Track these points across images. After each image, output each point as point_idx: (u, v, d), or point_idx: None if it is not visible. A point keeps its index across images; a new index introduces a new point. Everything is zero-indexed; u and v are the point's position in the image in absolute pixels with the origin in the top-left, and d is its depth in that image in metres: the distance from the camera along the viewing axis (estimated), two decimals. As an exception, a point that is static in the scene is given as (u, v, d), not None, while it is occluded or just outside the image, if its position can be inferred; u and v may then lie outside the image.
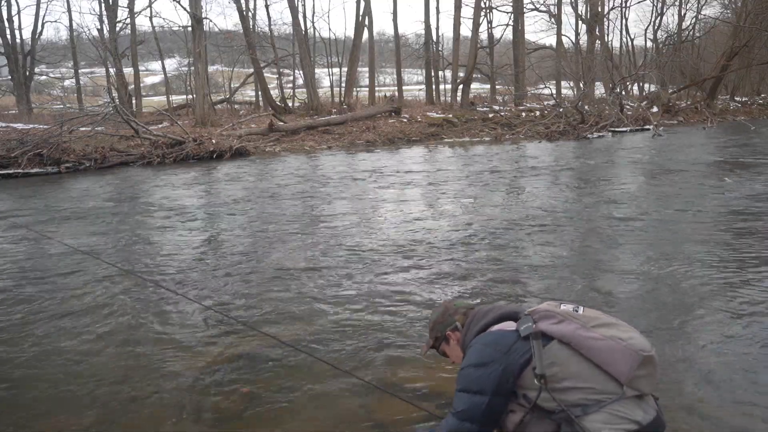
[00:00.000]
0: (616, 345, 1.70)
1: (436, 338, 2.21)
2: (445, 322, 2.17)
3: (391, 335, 3.90)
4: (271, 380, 3.35)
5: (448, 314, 2.18)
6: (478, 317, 2.06)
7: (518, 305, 2.10)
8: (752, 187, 9.14)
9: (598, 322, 1.77)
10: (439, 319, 2.20)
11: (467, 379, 1.86)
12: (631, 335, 1.74)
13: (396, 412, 2.98)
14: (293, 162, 14.55)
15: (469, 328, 2.06)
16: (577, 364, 1.72)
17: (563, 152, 15.48)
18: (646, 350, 1.72)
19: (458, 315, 2.15)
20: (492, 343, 1.86)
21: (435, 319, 2.23)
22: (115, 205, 9.19)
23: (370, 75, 30.72)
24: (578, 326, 1.74)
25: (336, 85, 30.88)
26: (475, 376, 1.82)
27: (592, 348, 1.71)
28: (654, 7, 35.54)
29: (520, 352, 1.79)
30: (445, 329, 2.16)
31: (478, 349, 1.89)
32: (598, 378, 1.71)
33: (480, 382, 1.81)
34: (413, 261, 5.63)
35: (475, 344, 1.93)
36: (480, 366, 1.82)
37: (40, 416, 3.06)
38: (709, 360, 3.45)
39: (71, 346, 3.89)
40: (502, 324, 1.96)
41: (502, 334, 1.88)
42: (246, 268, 5.54)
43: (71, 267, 5.71)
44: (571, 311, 1.83)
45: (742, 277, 4.88)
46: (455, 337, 2.12)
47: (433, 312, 2.30)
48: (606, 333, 1.73)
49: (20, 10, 34.67)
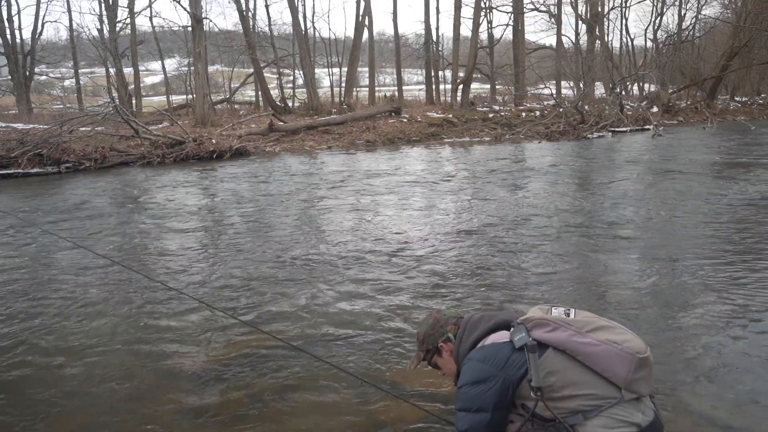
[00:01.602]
0: (611, 349, 1.69)
1: (427, 351, 2.14)
2: (437, 334, 2.10)
3: (392, 335, 3.90)
4: (272, 380, 3.35)
5: (438, 325, 2.12)
6: (471, 327, 2.01)
7: (509, 312, 2.02)
8: (752, 187, 9.13)
9: (592, 326, 1.75)
10: (429, 332, 2.13)
11: (467, 398, 1.84)
12: (625, 338, 1.73)
13: (396, 412, 2.98)
14: (293, 162, 14.55)
15: (461, 340, 2.01)
16: (573, 372, 1.72)
17: (563, 152, 15.48)
18: (641, 352, 1.71)
19: (449, 326, 2.09)
20: (488, 358, 1.83)
21: (425, 331, 2.15)
22: (115, 206, 9.19)
23: (370, 75, 30.72)
24: (572, 332, 1.73)
25: (336, 85, 30.87)
26: (474, 394, 1.81)
27: (588, 354, 1.70)
28: (654, 7, 35.52)
29: (517, 364, 1.77)
30: (437, 341, 2.10)
31: (474, 366, 1.86)
32: (596, 383, 1.70)
33: (480, 399, 1.79)
34: (412, 261, 5.63)
35: (470, 361, 1.90)
36: (478, 383, 1.80)
37: (40, 416, 3.06)
38: (709, 360, 3.46)
39: (71, 345, 3.89)
40: (495, 335, 1.92)
41: (497, 348, 1.85)
42: (246, 268, 5.54)
43: (71, 267, 5.71)
44: (563, 317, 1.81)
45: (742, 277, 4.88)
46: (448, 349, 2.07)
47: (421, 324, 2.21)
48: (601, 337, 1.72)
49: (20, 10, 34.73)
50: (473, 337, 1.96)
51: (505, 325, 1.94)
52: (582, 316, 1.84)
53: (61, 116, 17.06)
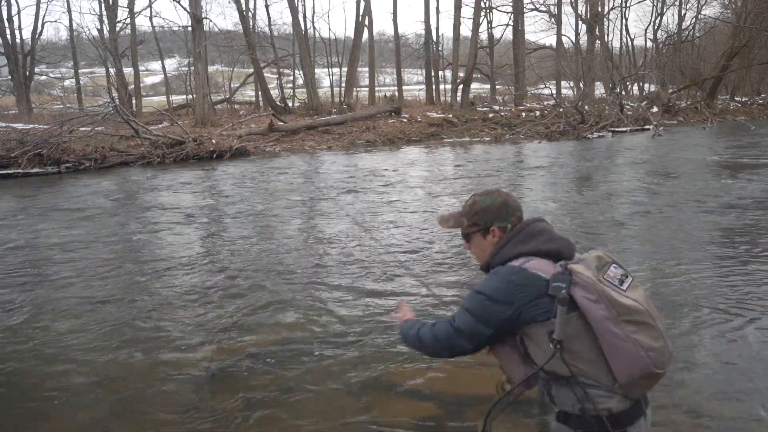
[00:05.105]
0: (634, 350, 1.60)
1: (475, 224, 1.91)
2: (499, 216, 1.88)
3: (392, 335, 3.90)
4: (272, 380, 3.35)
5: (506, 209, 1.89)
6: (526, 235, 1.82)
7: (568, 245, 1.82)
8: (752, 187, 9.13)
9: (632, 316, 1.63)
10: (494, 209, 1.88)
11: (479, 306, 1.75)
12: (658, 345, 1.63)
13: (396, 412, 2.98)
14: (293, 162, 14.55)
15: (510, 241, 1.83)
16: (584, 345, 1.63)
17: (563, 152, 15.47)
18: (659, 368, 1.63)
19: (514, 217, 1.88)
20: (518, 284, 1.70)
21: (488, 206, 1.90)
22: (115, 206, 9.18)
23: (370, 75, 30.73)
24: (608, 316, 1.60)
25: (336, 85, 30.87)
26: (487, 307, 1.73)
27: (610, 344, 1.61)
28: (654, 7, 35.53)
29: (542, 308, 1.67)
30: (493, 223, 1.88)
31: (501, 282, 1.73)
32: (598, 367, 1.65)
33: (489, 315, 1.72)
34: (412, 261, 5.63)
35: (502, 274, 1.75)
36: (496, 302, 1.71)
37: (39, 416, 3.06)
38: (708, 359, 3.46)
39: (71, 345, 3.89)
40: (539, 263, 1.74)
41: (532, 278, 1.70)
42: (246, 269, 5.54)
43: (69, 267, 5.71)
44: (616, 284, 1.66)
45: (741, 277, 4.88)
46: (497, 236, 1.88)
47: (485, 196, 1.93)
48: (632, 334, 1.61)
49: (20, 10, 34.71)
50: (520, 249, 1.80)
51: (555, 254, 1.78)
52: (634, 292, 1.67)
53: (61, 116, 17.05)
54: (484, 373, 3.24)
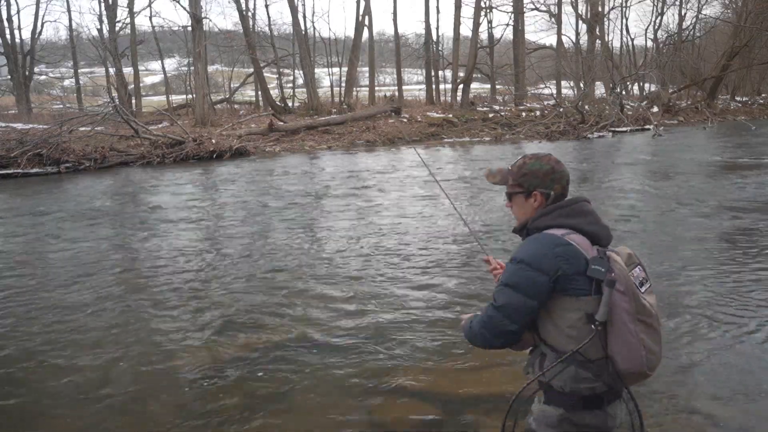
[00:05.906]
0: (637, 348, 1.65)
1: (520, 185, 1.90)
2: (544, 182, 1.87)
3: (392, 335, 3.89)
4: (272, 381, 3.34)
5: (552, 176, 1.88)
6: (570, 212, 1.82)
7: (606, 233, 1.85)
8: (752, 187, 9.12)
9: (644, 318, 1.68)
10: (540, 174, 1.88)
11: (518, 275, 1.72)
12: (656, 349, 1.69)
13: (396, 412, 2.97)
14: (293, 162, 14.55)
15: (553, 210, 1.83)
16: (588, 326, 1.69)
17: (563, 152, 15.46)
18: (651, 370, 1.69)
19: (559, 185, 1.88)
20: (562, 256, 1.69)
21: (536, 169, 1.89)
22: (114, 206, 9.18)
23: (370, 75, 30.73)
24: (629, 310, 1.64)
25: (336, 85, 30.86)
26: (528, 276, 1.70)
27: (620, 333, 1.64)
28: (654, 6, 35.49)
29: (577, 284, 1.68)
30: (537, 188, 1.87)
31: (544, 248, 1.72)
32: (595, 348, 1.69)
33: (530, 284, 1.70)
34: (412, 262, 5.62)
35: (544, 243, 1.74)
36: (538, 270, 1.69)
37: (39, 416, 3.05)
38: (708, 359, 3.45)
39: (71, 345, 3.89)
40: (582, 239, 1.75)
41: (576, 254, 1.70)
42: (246, 269, 5.53)
43: (71, 266, 5.71)
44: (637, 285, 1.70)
45: (741, 277, 4.88)
46: (538, 202, 1.87)
47: (535, 160, 1.93)
48: (640, 333, 1.66)
49: (20, 10, 34.59)
50: (563, 221, 1.80)
51: (594, 237, 1.79)
52: (649, 297, 1.72)
53: (61, 116, 17.05)
54: (484, 373, 3.23)
